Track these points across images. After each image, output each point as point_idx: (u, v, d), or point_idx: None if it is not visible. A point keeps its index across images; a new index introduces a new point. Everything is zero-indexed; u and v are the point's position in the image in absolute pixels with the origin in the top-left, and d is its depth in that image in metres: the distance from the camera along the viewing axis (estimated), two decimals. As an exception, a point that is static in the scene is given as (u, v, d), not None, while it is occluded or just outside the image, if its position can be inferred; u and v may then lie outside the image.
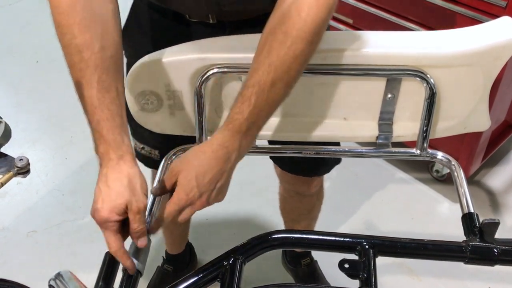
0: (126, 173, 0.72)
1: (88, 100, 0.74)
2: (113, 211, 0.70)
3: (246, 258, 0.75)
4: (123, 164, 0.73)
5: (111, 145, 0.73)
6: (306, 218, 1.44)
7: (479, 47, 0.85)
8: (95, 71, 0.73)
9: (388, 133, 0.95)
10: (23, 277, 1.74)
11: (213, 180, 0.75)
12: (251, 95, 0.74)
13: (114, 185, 0.71)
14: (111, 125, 0.73)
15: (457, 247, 0.75)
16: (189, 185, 0.74)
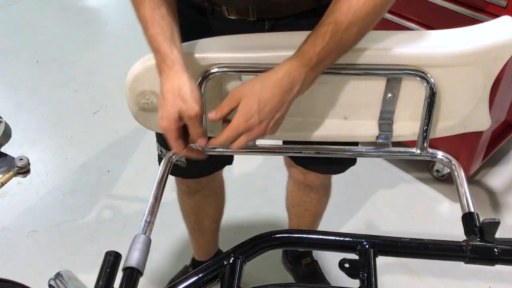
0: (176, 83, 0.78)
1: (142, 19, 0.83)
2: (169, 120, 0.79)
3: (246, 257, 0.74)
4: (173, 75, 0.79)
5: (162, 57, 0.80)
6: (312, 215, 1.44)
7: (479, 47, 0.85)
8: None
9: (388, 132, 0.95)
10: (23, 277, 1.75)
11: (273, 109, 0.77)
12: (325, 33, 0.75)
13: (168, 96, 0.79)
14: (161, 38, 0.80)
15: (457, 247, 0.75)
16: (249, 112, 0.76)
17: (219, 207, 1.46)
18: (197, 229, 1.50)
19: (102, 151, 2.15)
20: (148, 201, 0.83)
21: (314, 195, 1.37)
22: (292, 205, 1.46)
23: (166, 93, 0.79)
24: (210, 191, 1.38)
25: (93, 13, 3.22)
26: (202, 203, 1.38)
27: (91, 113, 2.35)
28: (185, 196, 1.37)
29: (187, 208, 1.41)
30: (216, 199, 1.43)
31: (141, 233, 0.78)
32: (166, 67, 0.80)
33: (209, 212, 1.43)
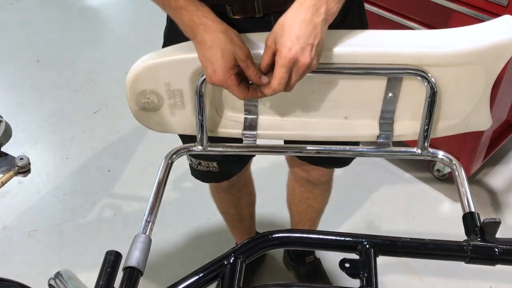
0: (219, 29, 0.77)
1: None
2: (226, 67, 0.77)
3: (246, 257, 0.74)
4: (211, 24, 0.77)
5: (194, 13, 0.78)
6: (314, 211, 1.44)
7: (480, 46, 0.85)
8: None
9: (389, 132, 0.94)
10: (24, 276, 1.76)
11: (308, 34, 0.75)
12: None
13: (215, 44, 0.77)
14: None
15: (458, 247, 0.75)
16: (288, 44, 0.74)
17: (253, 192, 1.48)
18: (238, 220, 1.51)
19: (103, 150, 2.15)
20: (149, 201, 0.83)
21: (318, 191, 1.37)
22: (294, 203, 1.46)
23: (212, 43, 0.77)
24: (245, 181, 1.39)
25: (93, 13, 3.22)
26: (240, 194, 1.40)
27: (91, 113, 2.35)
28: (222, 193, 1.38)
29: (226, 203, 1.42)
30: (250, 186, 1.45)
31: (141, 233, 0.78)
32: (201, 20, 0.78)
33: (247, 200, 1.45)
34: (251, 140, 0.97)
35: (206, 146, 0.95)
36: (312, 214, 1.45)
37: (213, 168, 1.12)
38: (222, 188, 1.34)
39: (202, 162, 1.12)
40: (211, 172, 1.13)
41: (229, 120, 0.97)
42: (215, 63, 0.78)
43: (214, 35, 0.77)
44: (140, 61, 0.89)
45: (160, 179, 0.88)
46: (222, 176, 1.22)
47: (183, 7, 0.79)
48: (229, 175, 1.25)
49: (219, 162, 1.11)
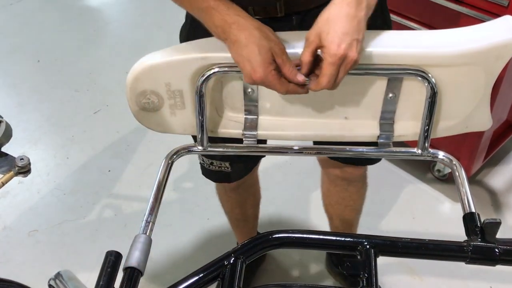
0: (252, 26, 0.76)
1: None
2: (265, 63, 0.76)
3: (247, 257, 0.74)
4: (245, 22, 0.76)
5: (226, 13, 0.76)
6: (352, 210, 1.42)
7: (480, 47, 0.85)
8: None
9: (389, 132, 0.94)
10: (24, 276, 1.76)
11: (353, 27, 0.74)
12: None
13: (251, 42, 0.75)
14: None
15: (458, 247, 0.75)
16: (336, 36, 0.72)
17: (259, 192, 1.48)
18: (242, 220, 1.51)
19: (103, 150, 2.15)
20: (149, 201, 0.83)
21: (353, 188, 1.36)
22: (331, 204, 1.44)
23: (247, 41, 0.76)
24: (252, 181, 1.39)
25: (94, 13, 3.22)
26: (246, 194, 1.39)
27: (92, 113, 2.35)
28: (230, 193, 1.37)
29: (232, 203, 1.41)
30: (257, 186, 1.44)
31: (141, 233, 0.78)
32: (233, 19, 0.76)
33: (253, 201, 1.44)
34: (252, 140, 0.97)
35: (206, 146, 0.95)
36: (351, 214, 1.44)
37: (225, 168, 1.11)
38: (230, 188, 1.34)
39: (215, 162, 1.12)
40: (222, 172, 1.13)
41: (230, 120, 0.97)
42: (253, 61, 0.76)
43: (248, 33, 0.76)
44: (141, 61, 0.89)
45: (160, 179, 0.88)
46: (233, 176, 1.21)
47: (213, 7, 0.77)
48: (240, 175, 1.24)
49: (231, 162, 1.10)
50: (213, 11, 0.77)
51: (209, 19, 0.78)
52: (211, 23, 0.78)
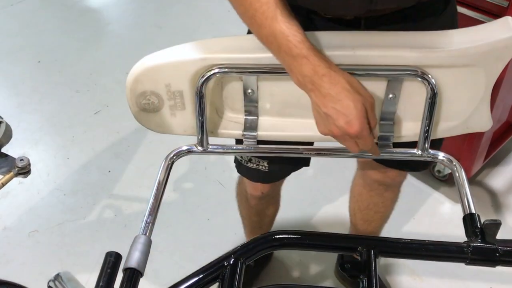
0: (344, 80, 0.75)
1: (279, 33, 0.75)
2: (360, 118, 0.75)
3: (247, 258, 0.74)
4: (336, 74, 0.75)
5: (317, 63, 0.75)
6: (381, 217, 1.40)
7: (480, 48, 0.85)
8: (276, 7, 0.76)
9: (389, 133, 0.94)
10: (24, 277, 1.76)
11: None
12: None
13: (345, 96, 0.74)
14: (309, 45, 0.75)
15: (458, 248, 0.75)
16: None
17: (279, 203, 1.46)
18: (257, 227, 1.50)
19: (103, 151, 2.15)
20: (149, 202, 0.83)
21: (389, 194, 1.33)
22: (359, 210, 1.41)
23: (341, 95, 0.75)
24: (276, 193, 1.36)
25: (94, 14, 3.22)
26: (267, 205, 1.37)
27: (92, 113, 2.35)
28: (252, 202, 1.34)
29: (252, 212, 1.39)
30: (278, 198, 1.43)
31: (141, 234, 0.78)
32: (325, 70, 0.75)
33: (272, 211, 1.43)
34: (252, 141, 0.97)
35: (206, 147, 0.95)
36: (378, 222, 1.41)
37: (263, 167, 1.09)
38: (253, 196, 1.30)
39: (253, 159, 1.09)
40: (259, 171, 1.10)
41: (230, 121, 0.97)
42: (349, 115, 0.75)
43: (341, 86, 0.75)
44: (140, 62, 0.89)
45: (160, 180, 0.88)
46: (270, 177, 1.17)
47: (305, 56, 0.75)
48: (276, 177, 1.20)
49: (270, 161, 1.08)
50: (304, 60, 0.75)
51: (297, 67, 0.76)
52: (298, 72, 0.76)
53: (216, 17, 2.99)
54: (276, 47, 0.77)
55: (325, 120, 0.78)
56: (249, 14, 0.78)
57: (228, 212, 1.87)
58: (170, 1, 3.23)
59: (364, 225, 1.44)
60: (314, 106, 0.79)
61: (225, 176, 2.02)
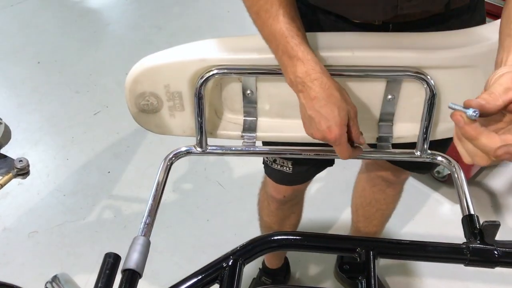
0: (334, 87, 0.77)
1: (278, 33, 0.77)
2: (342, 125, 0.77)
3: (245, 259, 0.74)
4: (327, 81, 0.77)
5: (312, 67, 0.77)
6: (382, 215, 1.40)
7: (479, 48, 0.85)
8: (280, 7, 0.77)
9: (388, 134, 0.94)
10: (24, 278, 1.75)
11: None
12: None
13: (331, 102, 0.76)
14: (306, 48, 0.77)
15: (457, 249, 0.74)
16: None
17: (301, 213, 1.43)
18: None
19: (103, 151, 2.15)
20: (147, 203, 0.83)
21: (391, 191, 1.33)
22: (362, 206, 1.42)
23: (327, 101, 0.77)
24: (299, 200, 1.34)
25: (94, 14, 3.22)
26: (288, 213, 1.35)
27: (92, 114, 2.35)
28: (274, 206, 1.32)
29: (273, 219, 1.36)
30: (301, 206, 1.40)
31: (140, 235, 0.78)
32: (318, 74, 0.77)
33: (293, 221, 1.40)
34: (250, 142, 0.97)
35: (205, 148, 0.95)
36: (380, 219, 1.41)
37: (287, 168, 1.09)
38: (280, 200, 1.28)
39: (277, 160, 1.10)
40: (284, 172, 1.11)
41: (229, 122, 0.97)
42: (331, 120, 0.77)
43: (330, 92, 0.77)
44: (140, 63, 0.89)
45: (159, 181, 0.88)
46: (293, 179, 1.16)
47: (300, 58, 0.77)
48: (300, 180, 1.19)
49: (293, 162, 1.08)
50: (299, 61, 0.77)
51: (291, 67, 0.78)
52: (292, 72, 0.78)
53: (216, 18, 3.00)
54: (275, 46, 0.79)
55: (309, 122, 0.80)
56: (255, 9, 0.79)
57: (227, 213, 1.87)
58: (170, 2, 3.23)
59: (365, 223, 1.44)
60: (301, 107, 0.80)
61: (225, 177, 2.02)
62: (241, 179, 2.00)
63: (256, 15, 0.79)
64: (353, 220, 1.50)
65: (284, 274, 1.62)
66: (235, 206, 1.89)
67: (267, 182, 1.26)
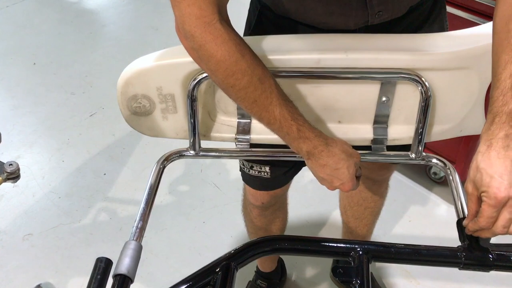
0: (339, 150, 0.85)
1: (282, 118, 0.81)
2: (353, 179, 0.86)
3: (238, 264, 0.74)
4: (333, 149, 0.85)
5: (318, 142, 0.84)
6: (371, 213, 1.41)
7: (474, 50, 0.84)
8: (276, 92, 0.80)
9: (383, 136, 0.94)
10: (18, 281, 1.74)
11: (508, 167, 0.70)
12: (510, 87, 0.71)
13: (341, 166, 0.85)
14: (308, 126, 0.83)
15: (451, 253, 0.74)
16: (493, 181, 0.70)
17: (286, 218, 1.43)
18: None
19: (99, 153, 2.14)
20: (140, 207, 0.82)
21: (377, 188, 1.34)
22: (350, 205, 1.42)
23: (336, 165, 0.85)
24: (281, 205, 1.35)
25: (90, 15, 3.21)
26: (272, 217, 1.35)
27: (87, 116, 2.34)
28: (255, 213, 1.32)
29: (257, 224, 1.36)
30: (284, 211, 1.40)
31: (132, 239, 0.77)
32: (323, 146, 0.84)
33: (278, 225, 1.40)
34: (244, 144, 0.96)
35: (198, 150, 0.94)
36: (369, 218, 1.42)
37: (265, 173, 1.10)
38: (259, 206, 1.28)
39: (254, 166, 1.10)
40: (262, 178, 1.11)
41: (222, 124, 0.97)
42: (343, 178, 0.86)
43: (338, 157, 0.85)
44: (131, 65, 0.88)
45: (151, 184, 0.87)
46: (272, 183, 1.17)
47: (308, 138, 0.83)
48: (279, 183, 1.20)
49: (271, 166, 1.09)
50: (306, 140, 0.83)
51: (297, 144, 0.84)
52: (297, 147, 0.85)
53: (213, 19, 2.98)
54: (278, 127, 0.83)
55: (321, 180, 0.89)
56: (251, 99, 0.80)
57: (224, 215, 1.86)
58: (166, 3, 3.20)
59: (355, 223, 1.44)
60: (311, 170, 0.88)
61: (221, 179, 2.01)
62: (238, 181, 1.98)
63: (254, 103, 0.80)
64: (344, 221, 1.50)
65: (280, 277, 1.61)
66: (231, 208, 1.88)
67: (245, 188, 1.26)
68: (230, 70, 0.76)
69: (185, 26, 0.74)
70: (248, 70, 0.77)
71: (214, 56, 0.75)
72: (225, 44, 0.74)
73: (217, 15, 0.74)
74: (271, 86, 0.80)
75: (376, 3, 0.85)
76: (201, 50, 0.75)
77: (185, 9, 0.72)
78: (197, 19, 0.73)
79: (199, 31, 0.73)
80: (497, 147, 0.71)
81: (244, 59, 0.76)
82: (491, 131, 0.72)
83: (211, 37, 0.73)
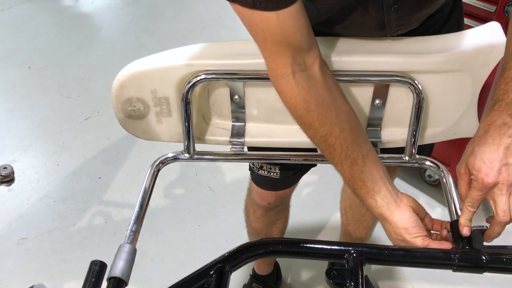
0: (407, 208, 0.82)
1: (347, 176, 0.82)
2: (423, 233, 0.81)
3: (232, 266, 0.74)
4: (402, 205, 0.82)
5: (385, 208, 0.82)
6: (371, 216, 1.39)
7: (467, 53, 0.85)
8: (341, 151, 0.80)
9: (376, 139, 0.94)
10: (13, 285, 1.73)
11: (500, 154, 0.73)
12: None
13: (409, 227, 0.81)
14: (385, 181, 0.82)
15: (445, 255, 0.74)
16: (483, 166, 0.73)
17: (287, 220, 1.43)
18: None
19: (94, 157, 2.14)
20: (134, 210, 0.82)
21: None
22: (351, 207, 1.42)
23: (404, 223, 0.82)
24: (284, 206, 1.35)
25: (86, 19, 3.21)
26: (275, 219, 1.35)
27: (83, 119, 2.34)
28: (259, 213, 1.32)
29: (259, 225, 1.37)
30: (287, 213, 1.40)
31: (126, 243, 0.77)
32: (389, 211, 0.82)
33: (279, 227, 1.40)
34: (239, 148, 0.96)
35: (193, 153, 0.94)
36: (370, 220, 1.41)
37: (274, 173, 1.10)
38: (265, 207, 1.28)
39: (264, 166, 1.10)
40: (271, 178, 1.11)
41: (217, 128, 0.97)
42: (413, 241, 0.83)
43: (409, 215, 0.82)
44: (126, 68, 0.88)
45: (146, 187, 0.87)
46: (281, 183, 1.18)
47: (390, 191, 0.82)
48: (288, 184, 1.21)
49: (281, 166, 1.09)
50: (373, 202, 0.82)
51: (366, 203, 0.84)
52: (370, 206, 0.84)
53: (208, 22, 2.99)
54: (352, 185, 0.83)
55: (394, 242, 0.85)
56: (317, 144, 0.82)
57: (219, 218, 1.86)
58: (161, 6, 3.23)
59: (355, 225, 1.44)
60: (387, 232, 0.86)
61: (216, 182, 2.01)
62: (233, 184, 1.99)
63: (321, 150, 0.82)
64: (343, 223, 1.49)
65: (275, 280, 1.61)
66: (227, 211, 1.88)
67: (252, 188, 1.26)
68: (299, 121, 0.80)
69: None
70: (315, 124, 0.79)
71: (286, 104, 0.79)
72: (294, 99, 0.77)
73: (290, 68, 0.75)
74: (338, 148, 0.80)
75: (395, 24, 0.85)
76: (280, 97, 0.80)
77: (265, 60, 0.77)
78: (271, 71, 0.77)
79: (274, 82, 0.78)
80: (493, 134, 0.73)
81: (309, 115, 0.78)
82: (489, 117, 0.74)
83: (282, 89, 0.77)
